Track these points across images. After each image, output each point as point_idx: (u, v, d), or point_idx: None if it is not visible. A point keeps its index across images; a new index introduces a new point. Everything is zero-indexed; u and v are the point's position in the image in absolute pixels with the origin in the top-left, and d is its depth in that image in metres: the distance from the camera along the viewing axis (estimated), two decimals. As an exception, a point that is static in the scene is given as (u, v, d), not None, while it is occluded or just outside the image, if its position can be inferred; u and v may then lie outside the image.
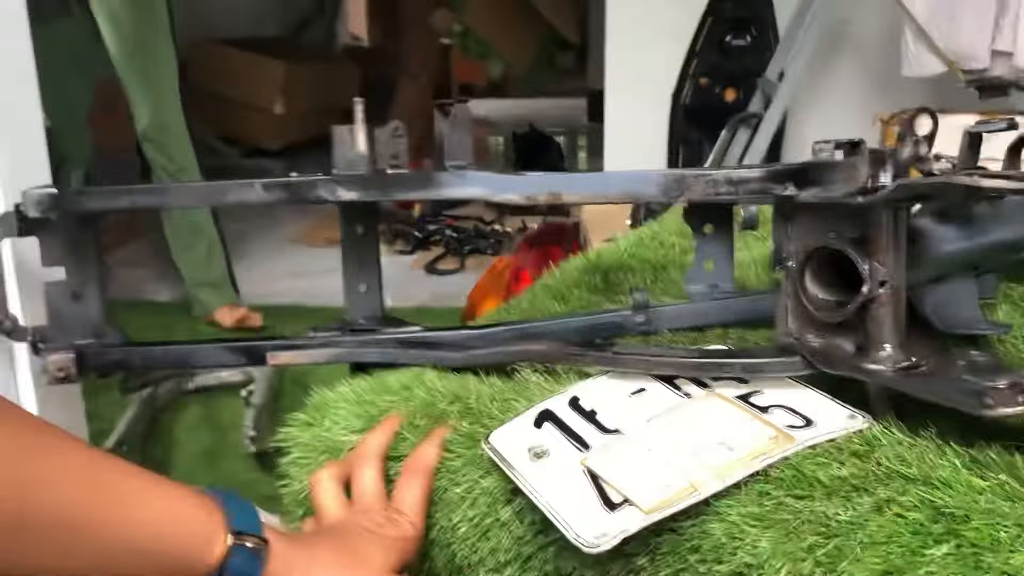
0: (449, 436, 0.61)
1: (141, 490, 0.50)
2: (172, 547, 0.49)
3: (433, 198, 0.71)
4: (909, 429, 0.52)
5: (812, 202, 0.58)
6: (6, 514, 0.43)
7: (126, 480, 0.50)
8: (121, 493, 0.48)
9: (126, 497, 0.48)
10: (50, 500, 0.45)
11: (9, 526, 0.44)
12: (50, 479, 0.46)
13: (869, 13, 2.62)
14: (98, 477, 0.48)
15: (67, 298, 0.81)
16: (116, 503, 0.48)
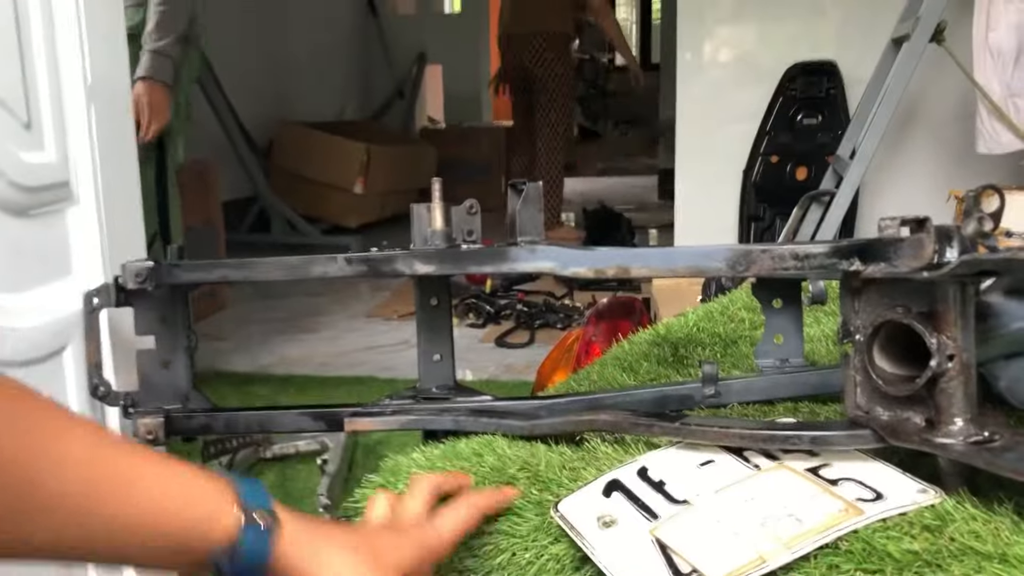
0: (519, 503, 0.62)
1: (150, 470, 0.50)
2: (182, 522, 0.49)
3: (505, 272, 0.74)
4: (983, 504, 0.51)
5: (879, 277, 0.58)
6: (12, 493, 0.44)
7: (134, 459, 0.50)
8: (130, 472, 0.49)
9: (135, 476, 0.49)
10: (55, 479, 0.45)
11: (15, 505, 0.44)
12: (56, 458, 0.46)
13: (942, 90, 2.61)
14: (105, 457, 0.49)
15: (157, 365, 0.86)
16: (124, 482, 0.48)
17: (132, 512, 0.48)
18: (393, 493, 0.64)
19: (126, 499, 0.48)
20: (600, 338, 1.77)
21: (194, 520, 0.50)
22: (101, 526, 0.48)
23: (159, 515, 0.49)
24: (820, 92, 2.69)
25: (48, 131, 0.98)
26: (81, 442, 0.48)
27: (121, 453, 0.50)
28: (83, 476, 0.47)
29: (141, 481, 0.49)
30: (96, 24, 1.02)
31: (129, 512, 0.48)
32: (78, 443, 0.48)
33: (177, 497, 0.50)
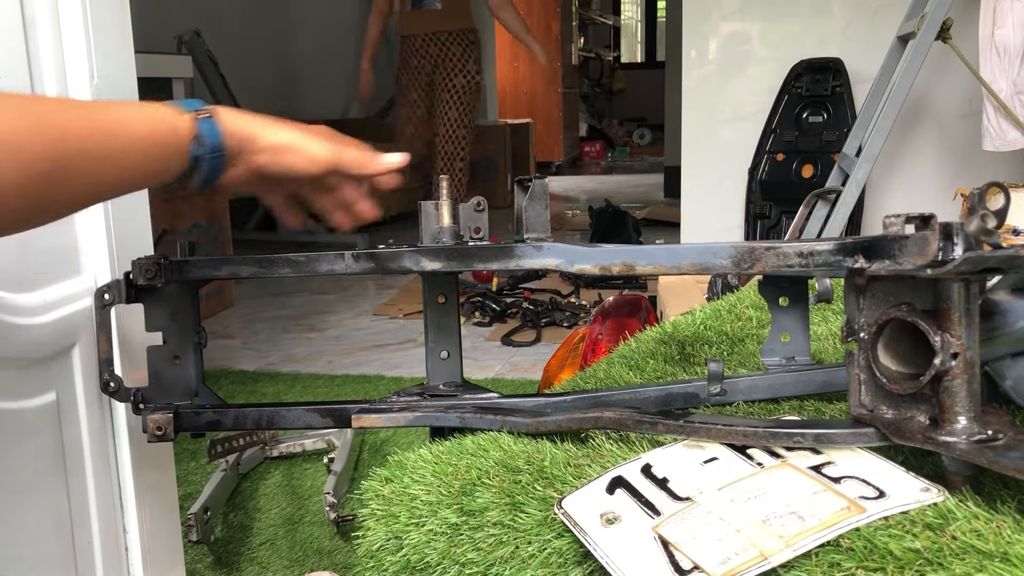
0: (523, 498, 0.63)
1: (129, 112, 0.69)
2: (161, 136, 0.70)
3: (512, 269, 0.74)
4: (985, 503, 0.51)
5: (883, 275, 0.59)
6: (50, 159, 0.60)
7: (115, 108, 0.68)
8: (115, 117, 0.67)
9: (120, 118, 0.67)
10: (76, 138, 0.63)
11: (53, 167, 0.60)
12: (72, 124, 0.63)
13: (948, 87, 2.61)
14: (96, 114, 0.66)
15: (167, 361, 0.86)
16: (113, 123, 0.66)
17: (129, 139, 0.67)
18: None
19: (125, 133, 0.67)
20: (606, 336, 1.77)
21: (165, 131, 0.70)
22: (112, 159, 0.66)
23: (145, 138, 0.69)
24: (826, 90, 2.69)
25: (56, 130, 0.98)
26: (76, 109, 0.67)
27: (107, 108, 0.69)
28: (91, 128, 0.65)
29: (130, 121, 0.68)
30: (103, 23, 1.02)
31: (127, 139, 0.67)
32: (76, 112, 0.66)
33: (151, 122, 0.70)
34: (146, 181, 0.72)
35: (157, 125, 0.70)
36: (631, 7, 12.72)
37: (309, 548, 1.64)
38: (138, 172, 0.69)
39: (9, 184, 0.58)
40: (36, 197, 0.61)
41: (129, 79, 1.10)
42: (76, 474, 1.03)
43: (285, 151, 0.78)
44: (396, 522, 0.65)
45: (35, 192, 0.61)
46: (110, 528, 1.08)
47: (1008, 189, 0.60)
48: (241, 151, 0.76)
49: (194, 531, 1.56)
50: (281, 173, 0.79)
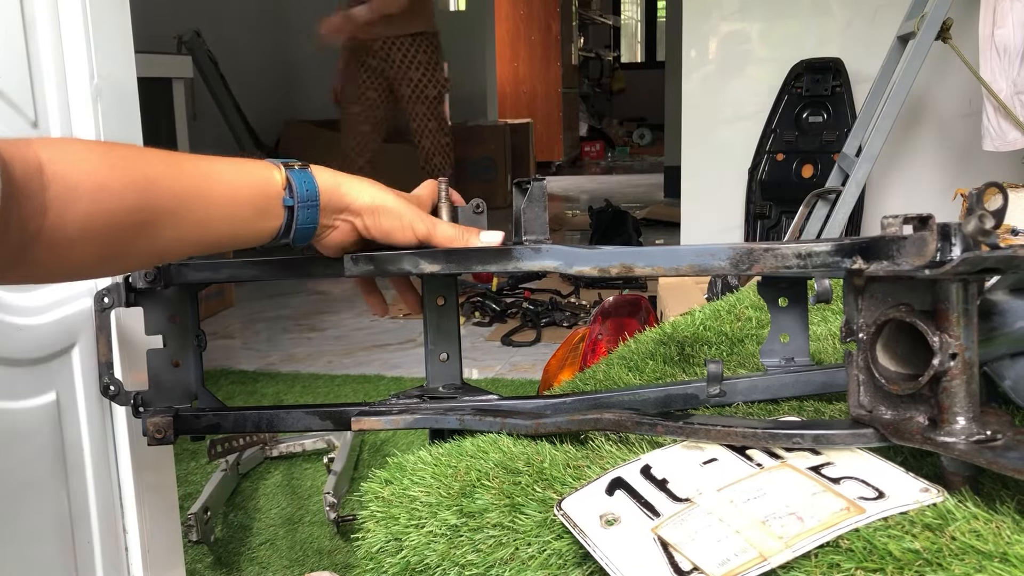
0: (522, 499, 0.63)
1: (219, 166, 0.68)
2: (254, 188, 0.69)
3: (511, 271, 0.74)
4: (985, 503, 0.51)
5: (881, 275, 0.59)
6: (136, 209, 0.61)
7: (204, 161, 0.67)
8: (204, 170, 0.66)
9: (209, 171, 0.67)
10: (165, 188, 0.63)
11: (139, 217, 0.61)
12: (160, 175, 0.63)
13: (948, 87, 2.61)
14: (184, 165, 0.66)
15: (166, 365, 0.86)
16: (202, 175, 0.66)
17: (219, 195, 0.67)
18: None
19: (214, 188, 0.67)
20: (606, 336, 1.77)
21: (261, 183, 0.70)
22: (206, 213, 0.66)
23: (237, 190, 0.68)
24: (826, 90, 2.69)
25: (55, 130, 0.98)
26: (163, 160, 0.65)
27: (197, 161, 0.68)
28: (179, 178, 0.65)
29: (219, 175, 0.67)
30: (103, 23, 1.02)
31: (217, 196, 0.66)
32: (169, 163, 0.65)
33: (245, 176, 0.69)
34: (237, 235, 0.69)
35: (248, 178, 0.69)
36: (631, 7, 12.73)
37: (309, 548, 1.64)
38: (228, 225, 0.68)
39: (95, 229, 0.59)
40: (119, 246, 0.61)
41: (129, 79, 1.10)
42: (76, 474, 1.03)
43: (382, 214, 0.74)
44: (396, 524, 0.65)
45: (119, 240, 0.61)
46: (110, 528, 1.08)
47: (1006, 189, 0.60)
48: (337, 208, 0.74)
49: (194, 531, 1.56)
50: (378, 238, 0.76)
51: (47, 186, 0.56)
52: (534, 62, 8.44)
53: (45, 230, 0.56)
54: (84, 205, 0.58)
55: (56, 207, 0.56)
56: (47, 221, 0.56)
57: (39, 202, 0.55)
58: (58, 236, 0.57)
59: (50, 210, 0.56)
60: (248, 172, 0.69)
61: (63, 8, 0.98)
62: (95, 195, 0.58)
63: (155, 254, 0.66)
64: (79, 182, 0.58)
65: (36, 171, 0.56)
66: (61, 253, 0.58)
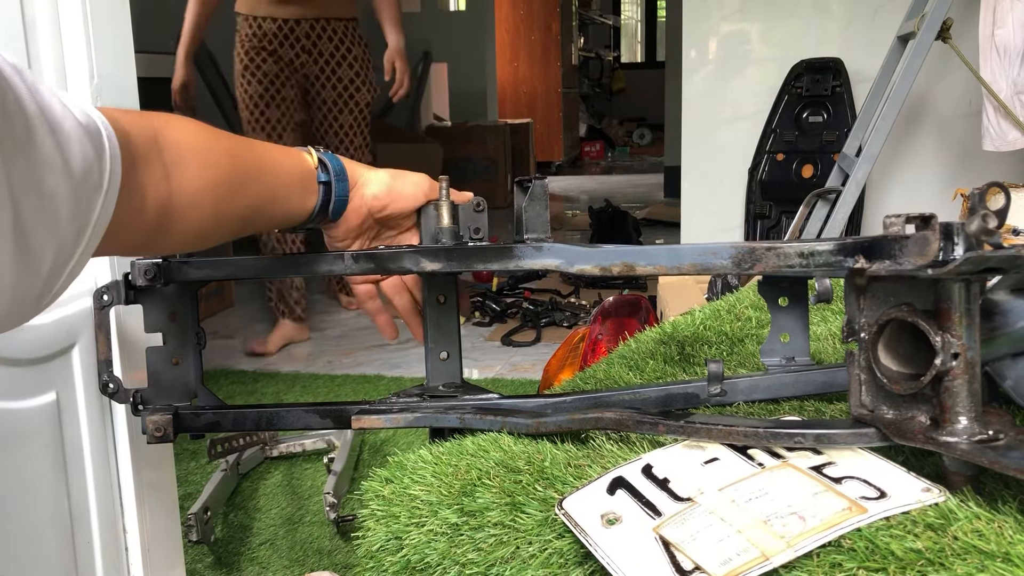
0: (523, 499, 0.63)
1: (266, 145, 0.75)
2: (296, 169, 0.75)
3: (512, 269, 0.74)
4: (987, 503, 0.51)
5: (883, 275, 0.58)
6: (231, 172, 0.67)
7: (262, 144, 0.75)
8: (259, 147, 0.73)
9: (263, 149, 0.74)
10: (246, 158, 0.70)
11: (233, 179, 0.67)
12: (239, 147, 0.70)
13: (948, 87, 2.61)
14: (251, 143, 0.73)
15: (166, 363, 0.86)
16: (259, 150, 0.73)
17: (277, 170, 0.74)
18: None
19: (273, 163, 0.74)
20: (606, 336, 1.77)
21: (301, 162, 0.76)
22: (272, 184, 0.73)
23: (286, 168, 0.75)
24: (826, 90, 2.69)
25: (56, 130, 0.98)
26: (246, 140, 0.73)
27: (255, 141, 0.75)
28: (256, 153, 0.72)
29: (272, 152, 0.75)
30: (103, 23, 1.02)
31: (276, 170, 0.74)
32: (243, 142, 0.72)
33: (288, 156, 0.76)
34: (288, 212, 0.76)
35: (290, 158, 0.76)
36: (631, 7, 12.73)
37: (309, 548, 1.64)
38: (284, 199, 0.74)
39: (206, 190, 0.64)
40: (223, 206, 0.67)
41: (129, 79, 1.10)
42: (76, 474, 1.03)
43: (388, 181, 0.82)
44: (396, 522, 0.65)
45: (223, 201, 0.66)
46: (110, 528, 1.08)
47: (1008, 189, 0.60)
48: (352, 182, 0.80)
49: (194, 531, 1.56)
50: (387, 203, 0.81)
51: (163, 151, 0.60)
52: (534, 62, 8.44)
53: (173, 194, 0.60)
54: (194, 168, 0.62)
55: (175, 171, 0.61)
56: (172, 185, 0.60)
57: (161, 167, 0.59)
58: (183, 200, 0.62)
59: (171, 174, 0.60)
60: (289, 153, 0.76)
61: (63, 8, 0.98)
62: (201, 158, 0.64)
63: (242, 221, 0.71)
64: (188, 147, 0.63)
65: (153, 138, 0.59)
66: (187, 217, 0.63)
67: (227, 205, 0.68)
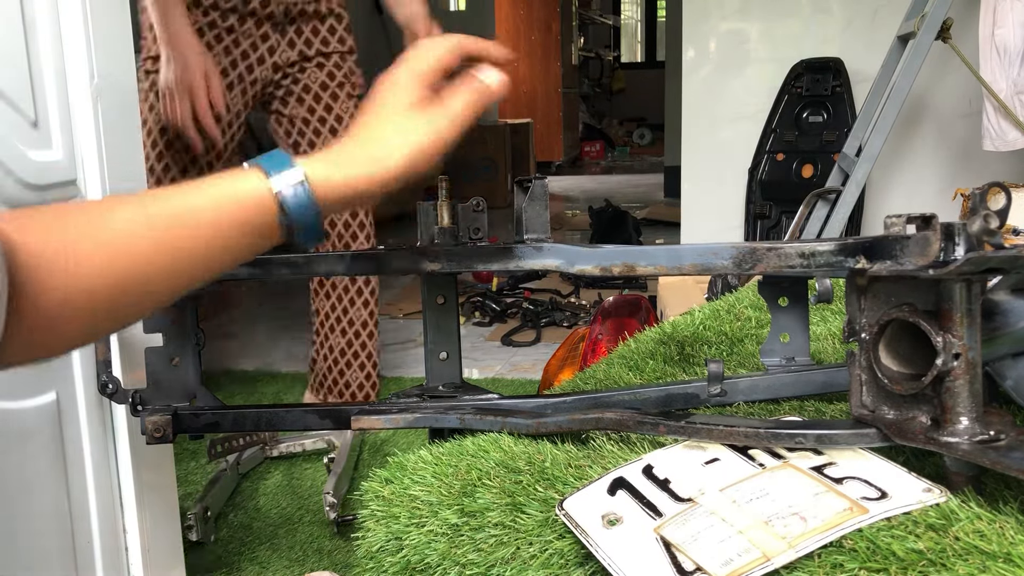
0: (524, 499, 0.63)
1: (196, 198, 0.59)
2: (236, 219, 0.59)
3: (512, 270, 0.74)
4: (988, 503, 0.51)
5: (885, 275, 0.58)
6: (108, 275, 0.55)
7: (179, 196, 0.59)
8: (180, 213, 0.58)
9: (186, 212, 0.58)
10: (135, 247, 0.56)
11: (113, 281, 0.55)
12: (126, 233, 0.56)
13: (948, 87, 2.61)
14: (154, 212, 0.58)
15: (165, 363, 0.86)
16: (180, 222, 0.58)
17: (200, 235, 0.58)
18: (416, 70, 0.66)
19: (191, 229, 0.58)
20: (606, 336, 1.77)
21: (245, 206, 0.59)
22: (189, 257, 0.59)
23: (219, 223, 0.59)
24: (826, 89, 2.69)
25: (55, 129, 0.98)
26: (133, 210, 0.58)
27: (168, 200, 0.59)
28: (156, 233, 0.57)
29: (195, 212, 0.59)
30: (102, 23, 1.02)
31: (198, 237, 0.58)
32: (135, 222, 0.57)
33: (225, 202, 0.59)
34: (235, 260, 0.62)
35: (229, 204, 0.60)
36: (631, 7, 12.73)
37: (309, 548, 1.64)
38: (218, 257, 0.61)
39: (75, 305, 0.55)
40: (106, 313, 0.57)
41: (129, 79, 1.10)
42: (76, 473, 1.03)
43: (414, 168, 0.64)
44: (396, 523, 0.65)
45: (104, 309, 0.56)
46: (110, 528, 1.08)
47: (1009, 189, 0.60)
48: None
49: (194, 531, 1.56)
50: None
51: (16, 264, 0.51)
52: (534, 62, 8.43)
53: (24, 310, 0.52)
54: (57, 277, 0.53)
55: (30, 284, 0.52)
56: (24, 302, 0.52)
57: (14, 280, 0.51)
58: (39, 316, 0.53)
59: (25, 288, 0.52)
60: (227, 196, 0.60)
61: (63, 8, 0.98)
62: (64, 265, 0.53)
63: (146, 305, 0.60)
64: (47, 255, 0.53)
65: (9, 250, 0.51)
66: (48, 328, 0.54)
67: (114, 306, 0.57)
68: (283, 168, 0.60)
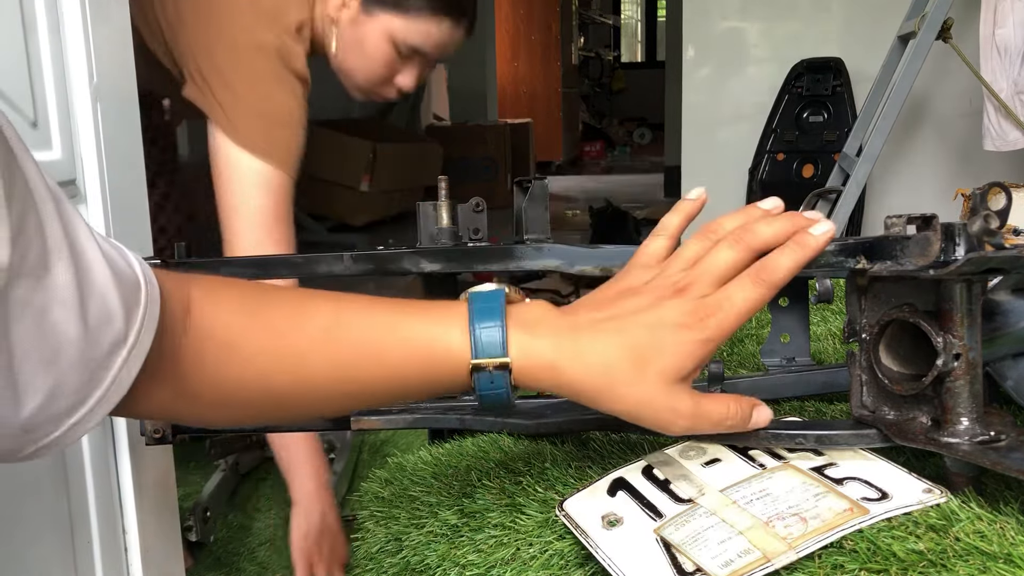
0: (524, 500, 0.63)
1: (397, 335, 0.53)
2: (424, 370, 0.53)
3: (512, 270, 0.74)
4: (989, 504, 0.51)
5: (885, 275, 0.58)
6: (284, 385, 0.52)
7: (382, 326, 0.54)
8: (374, 341, 0.53)
9: (379, 342, 0.53)
10: (310, 359, 0.52)
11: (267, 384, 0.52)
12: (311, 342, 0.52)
13: (949, 87, 2.61)
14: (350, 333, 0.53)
15: (166, 363, 0.86)
16: (369, 351, 0.53)
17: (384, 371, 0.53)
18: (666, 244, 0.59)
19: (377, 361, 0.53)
20: (606, 336, 1.77)
21: (436, 364, 0.53)
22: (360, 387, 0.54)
23: (406, 368, 0.53)
24: (826, 89, 2.69)
25: (55, 130, 0.98)
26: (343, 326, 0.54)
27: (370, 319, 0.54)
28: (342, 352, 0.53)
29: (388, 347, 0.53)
30: (102, 23, 1.02)
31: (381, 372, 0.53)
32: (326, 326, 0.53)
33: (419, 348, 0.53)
34: (404, 400, 0.60)
35: (422, 361, 0.53)
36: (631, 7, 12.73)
37: (309, 549, 1.64)
38: (389, 394, 0.56)
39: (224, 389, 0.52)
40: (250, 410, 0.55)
41: (129, 79, 1.10)
42: (75, 474, 1.02)
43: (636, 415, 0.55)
44: (396, 523, 0.65)
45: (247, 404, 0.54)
46: (110, 528, 1.08)
47: (1009, 189, 0.59)
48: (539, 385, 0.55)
49: (194, 531, 1.56)
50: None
51: (187, 334, 0.51)
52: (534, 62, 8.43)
53: (187, 377, 0.51)
54: (210, 366, 0.51)
55: (191, 356, 0.51)
56: (181, 368, 0.51)
57: (180, 345, 0.50)
58: (194, 390, 0.51)
59: (187, 358, 0.51)
60: (424, 352, 0.53)
61: (63, 8, 0.98)
62: (223, 357, 0.51)
63: (299, 417, 0.59)
64: (211, 338, 0.51)
65: (184, 313, 0.51)
66: (202, 407, 0.53)
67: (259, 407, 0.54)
68: (489, 344, 0.52)
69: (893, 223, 0.60)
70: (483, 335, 0.52)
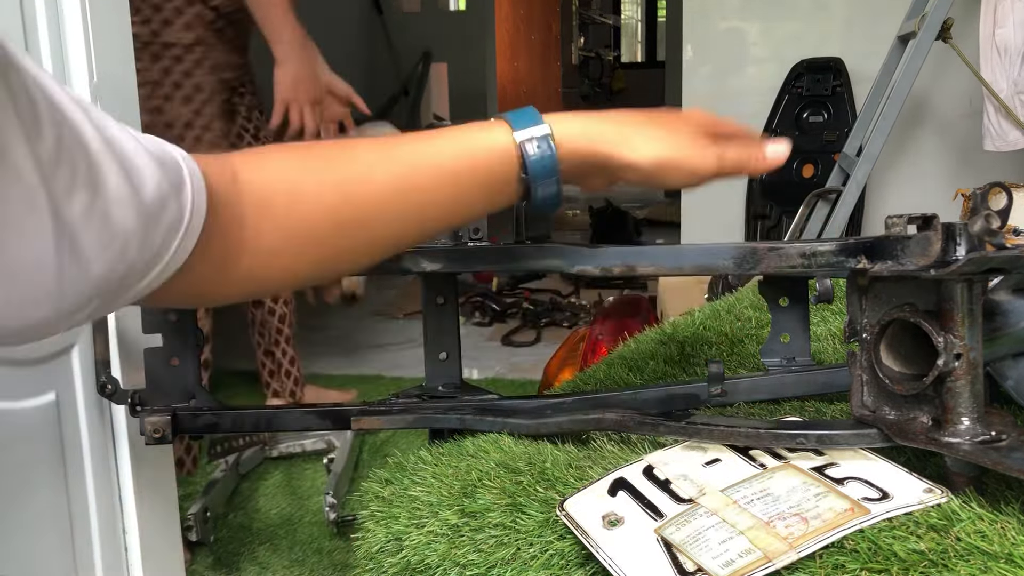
0: (524, 500, 0.62)
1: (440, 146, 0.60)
2: (476, 171, 0.59)
3: (512, 270, 0.74)
4: (989, 504, 0.51)
5: (886, 275, 0.58)
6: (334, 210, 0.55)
7: (425, 145, 0.60)
8: (422, 157, 0.59)
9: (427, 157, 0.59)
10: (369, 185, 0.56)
11: (340, 217, 0.55)
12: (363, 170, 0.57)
13: (949, 87, 2.60)
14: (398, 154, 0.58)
15: (164, 364, 0.86)
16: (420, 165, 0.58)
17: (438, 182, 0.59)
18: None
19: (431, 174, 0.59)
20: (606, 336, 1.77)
21: (487, 160, 0.60)
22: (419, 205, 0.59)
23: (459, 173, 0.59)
24: (826, 89, 2.69)
25: (56, 130, 0.98)
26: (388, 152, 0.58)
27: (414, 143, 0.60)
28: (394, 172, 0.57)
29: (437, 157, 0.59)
30: (102, 23, 1.02)
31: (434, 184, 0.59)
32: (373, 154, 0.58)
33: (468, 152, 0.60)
34: (465, 217, 0.62)
35: (472, 155, 0.60)
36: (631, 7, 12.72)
37: (309, 548, 1.64)
38: (450, 210, 0.60)
39: (296, 237, 0.55)
40: (326, 249, 0.57)
41: (129, 79, 1.10)
42: (76, 474, 1.02)
43: (659, 172, 0.63)
44: (396, 523, 0.65)
45: (324, 244, 0.56)
46: (110, 528, 1.08)
47: (1010, 189, 0.59)
48: (593, 173, 0.64)
49: (194, 531, 1.56)
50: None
51: (241, 197, 0.53)
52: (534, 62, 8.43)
53: (246, 241, 0.53)
54: (279, 212, 0.54)
55: (252, 217, 0.53)
56: (245, 232, 0.53)
57: (235, 213, 0.53)
58: (261, 246, 0.54)
59: (247, 221, 0.53)
60: (472, 146, 0.60)
61: (63, 8, 0.98)
62: (288, 201, 0.54)
63: (369, 253, 0.60)
64: (272, 190, 0.54)
65: (231, 182, 0.53)
66: (266, 264, 0.55)
67: (334, 244, 0.57)
68: (529, 123, 0.61)
69: (894, 223, 0.60)
70: (522, 118, 0.61)
